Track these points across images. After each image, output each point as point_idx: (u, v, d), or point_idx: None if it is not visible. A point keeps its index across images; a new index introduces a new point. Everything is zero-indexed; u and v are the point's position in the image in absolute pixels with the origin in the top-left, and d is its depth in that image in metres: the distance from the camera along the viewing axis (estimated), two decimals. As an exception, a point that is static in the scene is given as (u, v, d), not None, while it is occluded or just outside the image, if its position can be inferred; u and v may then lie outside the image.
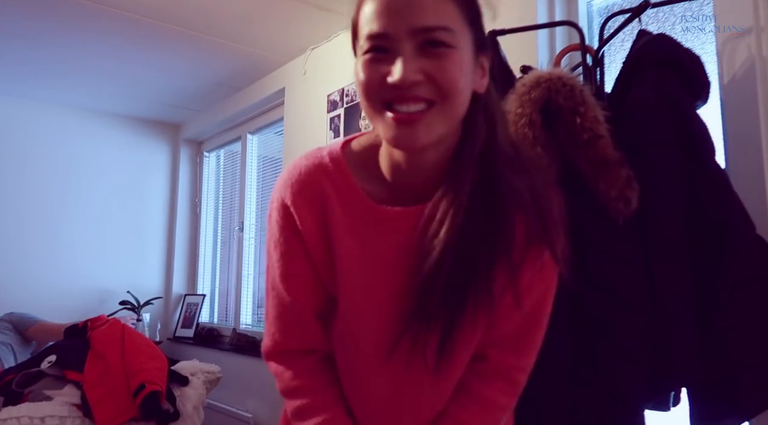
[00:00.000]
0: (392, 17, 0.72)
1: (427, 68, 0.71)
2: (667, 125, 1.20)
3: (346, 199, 0.83)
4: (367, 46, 0.74)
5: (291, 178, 0.86)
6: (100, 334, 2.48)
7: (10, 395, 2.26)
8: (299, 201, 0.84)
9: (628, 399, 1.14)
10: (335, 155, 0.86)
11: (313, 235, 0.84)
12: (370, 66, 0.74)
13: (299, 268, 0.86)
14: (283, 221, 0.86)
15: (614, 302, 1.15)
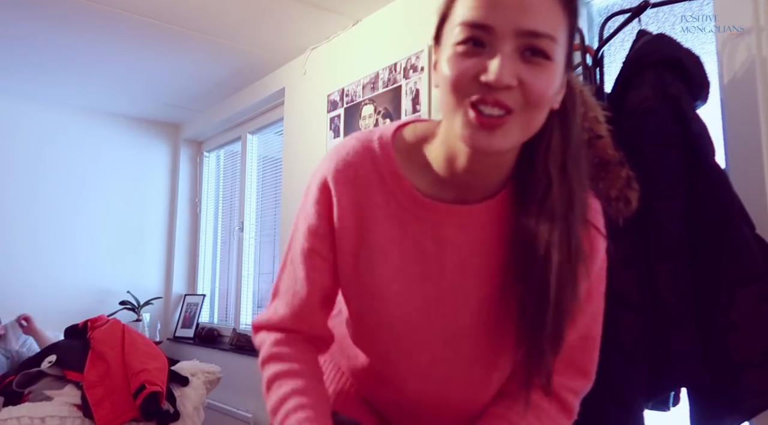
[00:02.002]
0: (500, 10, 0.66)
1: (523, 75, 0.67)
2: (667, 125, 1.20)
3: (390, 186, 0.82)
4: (463, 36, 0.68)
5: (338, 157, 0.84)
6: (101, 334, 2.49)
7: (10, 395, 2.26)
8: (340, 179, 0.83)
9: (628, 399, 1.14)
10: (385, 141, 0.84)
11: (348, 218, 0.83)
12: (463, 59, 0.68)
13: (324, 248, 0.85)
14: (321, 197, 0.84)
15: (614, 302, 1.15)
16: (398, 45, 2.37)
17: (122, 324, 2.62)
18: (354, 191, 0.82)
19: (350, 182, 0.82)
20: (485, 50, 0.67)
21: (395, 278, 0.83)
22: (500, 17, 0.66)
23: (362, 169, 0.82)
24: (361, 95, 2.54)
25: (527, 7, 0.66)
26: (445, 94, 0.72)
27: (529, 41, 0.67)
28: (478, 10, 0.67)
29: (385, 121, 2.39)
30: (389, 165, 0.82)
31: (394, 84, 2.37)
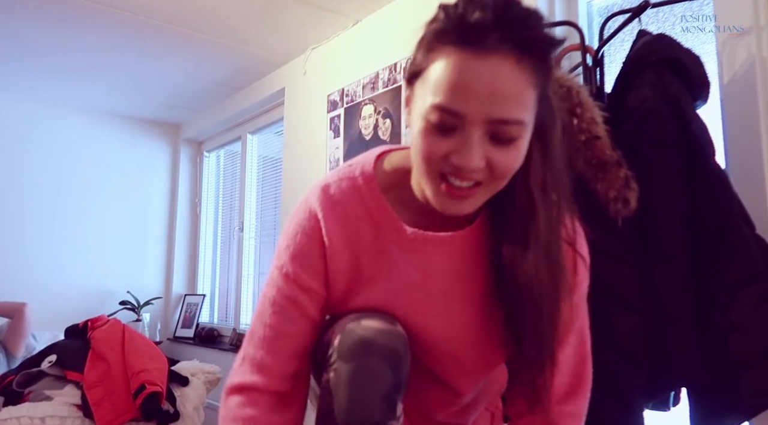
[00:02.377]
0: (471, 100, 0.67)
1: (491, 156, 0.70)
2: (667, 125, 1.20)
3: (378, 221, 0.83)
4: (436, 119, 0.69)
5: (325, 194, 0.85)
6: (101, 334, 2.49)
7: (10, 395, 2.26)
8: (330, 217, 0.83)
9: (628, 399, 1.14)
10: (368, 175, 0.85)
11: (340, 257, 0.83)
12: (435, 138, 0.70)
13: (318, 285, 0.85)
14: (311, 232, 0.84)
15: (614, 302, 1.15)
16: (398, 45, 2.37)
17: (122, 324, 2.61)
18: (345, 230, 0.83)
19: (340, 221, 0.83)
20: (456, 133, 0.69)
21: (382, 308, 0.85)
22: (472, 106, 0.67)
23: (350, 206, 0.84)
24: (361, 95, 2.54)
25: (498, 96, 0.67)
26: (417, 157, 0.73)
27: (498, 128, 0.68)
28: (451, 95, 0.67)
29: (385, 121, 2.39)
30: (376, 200, 0.84)
31: (394, 84, 2.36)
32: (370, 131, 2.47)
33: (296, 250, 0.85)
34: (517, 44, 0.66)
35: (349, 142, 2.59)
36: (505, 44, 0.66)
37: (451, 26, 0.68)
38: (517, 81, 0.67)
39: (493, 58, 0.66)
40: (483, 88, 0.66)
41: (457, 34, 0.67)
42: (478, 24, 0.66)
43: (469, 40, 0.66)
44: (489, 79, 0.66)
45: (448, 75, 0.67)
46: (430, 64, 0.70)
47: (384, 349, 0.77)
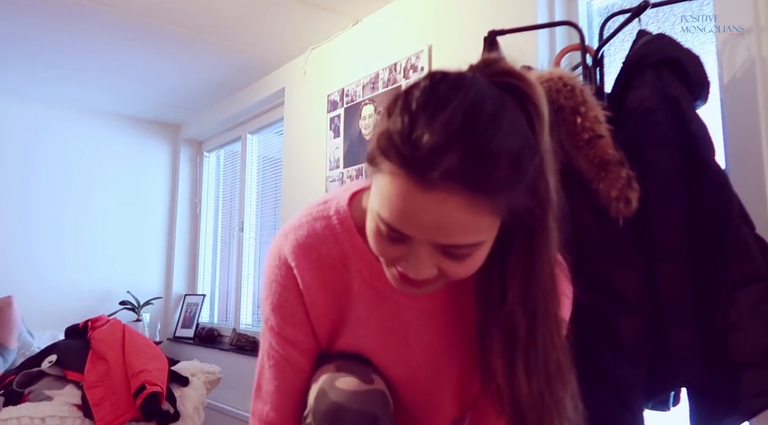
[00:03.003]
0: (416, 227, 0.60)
1: (443, 267, 0.65)
2: (667, 125, 1.20)
3: (356, 263, 0.79)
4: (383, 229, 0.64)
5: (296, 238, 0.80)
6: (101, 334, 2.49)
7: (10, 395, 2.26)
8: (303, 264, 0.79)
9: (628, 399, 1.14)
10: (342, 215, 0.79)
11: (320, 303, 0.80)
12: (385, 244, 0.65)
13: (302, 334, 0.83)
14: (285, 281, 0.80)
15: (614, 302, 1.15)
16: (398, 45, 2.37)
17: (122, 324, 2.61)
18: (321, 274, 0.79)
19: (314, 265, 0.79)
20: (405, 244, 0.64)
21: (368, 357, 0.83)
22: (417, 232, 0.61)
23: (325, 250, 0.79)
24: (361, 95, 2.54)
25: (445, 228, 0.59)
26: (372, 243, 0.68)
27: (448, 249, 0.62)
28: (396, 219, 0.61)
29: (385, 121, 2.39)
30: (352, 241, 0.78)
31: (394, 84, 2.37)
32: (370, 130, 2.47)
33: (275, 302, 0.81)
34: (469, 184, 0.57)
35: (349, 142, 2.59)
36: (453, 180, 0.56)
37: (395, 143, 0.59)
38: (468, 214, 0.58)
39: (439, 193, 0.57)
40: (427, 221, 0.59)
41: (400, 157, 0.58)
42: (422, 153, 0.56)
43: (411, 167, 0.57)
44: (434, 213, 0.58)
45: (392, 198, 0.60)
46: (380, 170, 0.62)
47: (357, 416, 0.73)
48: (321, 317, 0.81)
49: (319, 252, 0.79)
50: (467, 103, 0.58)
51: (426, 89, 0.60)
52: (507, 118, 0.59)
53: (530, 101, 0.63)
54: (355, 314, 0.81)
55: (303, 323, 0.82)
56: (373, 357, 0.84)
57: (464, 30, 2.09)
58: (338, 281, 0.80)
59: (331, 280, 0.80)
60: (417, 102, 0.59)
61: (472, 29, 2.03)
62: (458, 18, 2.13)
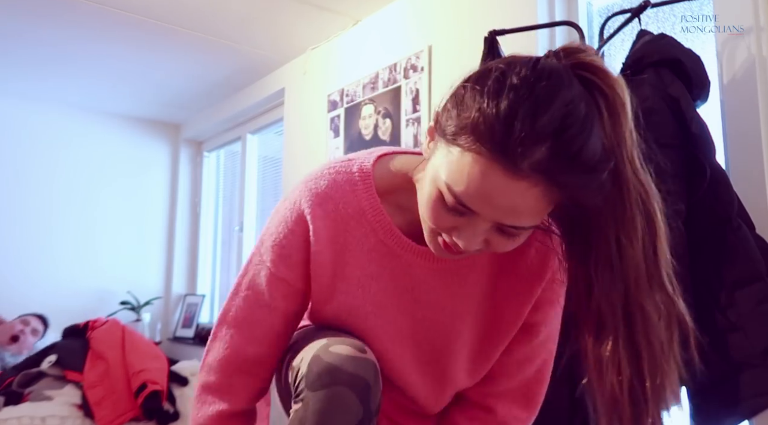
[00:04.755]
0: (489, 207, 0.64)
1: (491, 240, 0.68)
2: (667, 124, 1.20)
3: (370, 221, 0.81)
4: (448, 199, 0.66)
5: (316, 187, 0.81)
6: (100, 334, 2.49)
7: (10, 395, 2.26)
8: (319, 214, 0.80)
9: (628, 399, 1.14)
10: (365, 172, 0.81)
11: (325, 252, 0.81)
12: (443, 212, 0.68)
13: (294, 278, 0.84)
14: (297, 228, 0.81)
15: (614, 302, 1.15)
16: (398, 45, 2.37)
17: (122, 325, 2.62)
18: (333, 224, 0.81)
19: (329, 216, 0.80)
20: (464, 216, 0.67)
21: (371, 311, 0.84)
22: (488, 211, 0.64)
23: (342, 203, 0.80)
24: (361, 95, 2.54)
25: (517, 212, 0.64)
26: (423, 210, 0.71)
27: (506, 227, 0.66)
28: (470, 196, 0.63)
29: (385, 121, 2.39)
30: (370, 199, 0.81)
31: (394, 84, 2.37)
32: (370, 131, 2.47)
33: (278, 240, 0.83)
34: (553, 179, 0.61)
35: (349, 142, 2.59)
36: (540, 174, 0.60)
37: (495, 129, 0.60)
38: (541, 203, 0.63)
39: (523, 182, 0.61)
40: (504, 204, 0.63)
41: (497, 143, 0.60)
42: (521, 143, 0.59)
43: (507, 157, 0.60)
44: (513, 198, 0.62)
45: (474, 177, 0.62)
46: (460, 145, 0.64)
47: (352, 378, 0.74)
48: (322, 267, 0.82)
49: (336, 204, 0.80)
50: (565, 105, 0.60)
51: (528, 80, 0.62)
52: (596, 124, 0.63)
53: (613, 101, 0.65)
54: (361, 269, 0.82)
55: (298, 267, 0.83)
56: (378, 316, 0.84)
57: (464, 30, 2.09)
58: (349, 236, 0.81)
59: (341, 233, 0.81)
60: (519, 92, 0.61)
61: (472, 29, 2.03)
62: (458, 18, 2.13)
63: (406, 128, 2.28)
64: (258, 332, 0.86)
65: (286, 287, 0.84)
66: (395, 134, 2.33)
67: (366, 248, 0.81)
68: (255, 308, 0.86)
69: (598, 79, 0.65)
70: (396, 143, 2.32)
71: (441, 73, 2.17)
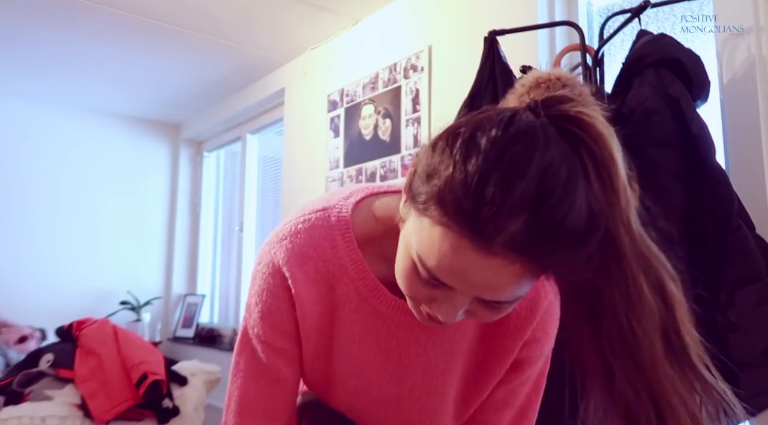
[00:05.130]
0: (464, 283, 0.57)
1: (477, 312, 0.62)
2: (667, 124, 1.20)
3: (353, 278, 0.74)
4: (423, 273, 0.59)
5: (292, 246, 0.74)
6: (89, 332, 2.51)
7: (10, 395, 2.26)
8: (299, 276, 0.73)
9: (628, 399, 1.14)
10: (344, 223, 0.74)
11: (310, 316, 0.75)
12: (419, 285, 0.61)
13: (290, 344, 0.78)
14: (278, 290, 0.75)
15: (614, 302, 1.15)
16: (398, 45, 2.37)
17: (112, 324, 2.64)
18: (315, 286, 0.74)
19: (309, 277, 0.74)
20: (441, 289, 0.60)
21: (354, 375, 0.79)
22: (463, 287, 0.57)
23: (322, 261, 0.73)
24: (361, 95, 2.54)
25: (494, 288, 0.56)
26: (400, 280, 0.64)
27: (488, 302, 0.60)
28: (443, 272, 0.57)
29: (385, 121, 2.39)
30: (351, 254, 0.73)
31: (394, 84, 2.37)
32: (370, 130, 2.47)
33: (265, 310, 0.76)
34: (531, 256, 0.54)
35: (349, 142, 2.59)
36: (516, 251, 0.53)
37: (461, 198, 0.53)
38: (521, 280, 0.56)
39: (498, 259, 0.54)
40: (479, 281, 0.56)
41: (464, 215, 0.53)
42: (491, 217, 0.52)
43: (478, 234, 0.53)
44: (488, 276, 0.55)
45: (444, 253, 0.56)
46: (429, 216, 0.57)
47: None
48: (309, 332, 0.77)
49: (316, 264, 0.74)
50: (542, 171, 0.53)
51: (499, 143, 0.54)
52: (579, 189, 0.55)
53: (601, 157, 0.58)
54: (347, 332, 0.77)
55: (292, 333, 0.77)
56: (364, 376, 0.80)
57: (464, 30, 2.09)
58: (332, 296, 0.75)
59: (324, 294, 0.75)
60: (488, 158, 0.53)
61: (472, 29, 2.03)
62: (458, 18, 2.13)
63: (406, 128, 2.28)
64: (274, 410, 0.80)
65: (286, 355, 0.79)
66: (395, 134, 2.33)
67: (350, 309, 0.75)
68: (263, 386, 0.79)
69: (584, 133, 0.57)
70: (396, 142, 2.32)
71: (441, 73, 2.17)
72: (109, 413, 2.16)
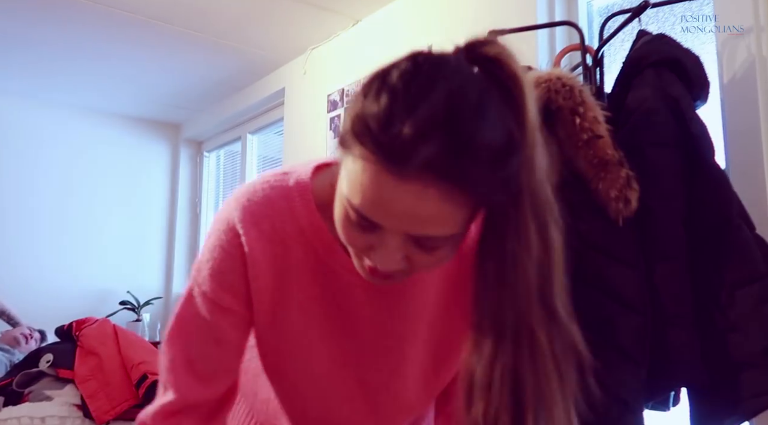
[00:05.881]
0: (389, 217, 0.57)
1: (413, 257, 0.61)
2: (667, 125, 1.20)
3: (310, 239, 0.74)
4: (353, 216, 0.60)
5: (249, 205, 0.73)
6: (90, 332, 2.50)
7: (10, 395, 2.26)
8: (254, 234, 0.72)
9: (628, 399, 1.14)
10: (303, 187, 0.74)
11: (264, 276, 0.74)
12: (354, 232, 0.62)
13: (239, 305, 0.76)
14: (231, 248, 0.73)
15: (614, 302, 1.15)
16: (398, 45, 2.37)
17: (112, 324, 2.64)
18: (271, 246, 0.73)
19: (265, 236, 0.73)
20: (375, 232, 0.60)
21: (315, 336, 0.78)
22: (389, 222, 0.57)
23: (279, 221, 0.73)
24: (361, 95, 2.54)
25: (420, 219, 0.56)
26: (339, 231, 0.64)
27: (419, 239, 0.59)
28: (367, 207, 0.57)
29: (385, 121, 2.39)
30: (309, 216, 0.73)
31: (394, 84, 2.36)
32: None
33: (215, 267, 0.74)
34: (448, 177, 0.54)
35: (349, 142, 2.59)
36: (432, 172, 0.53)
37: (372, 130, 0.55)
38: (443, 207, 0.55)
39: (416, 184, 0.54)
40: (402, 210, 0.55)
41: (377, 144, 0.54)
42: (401, 141, 0.53)
43: (388, 155, 0.54)
44: (409, 204, 0.55)
45: (364, 185, 0.56)
46: (352, 154, 0.58)
47: None
48: (262, 292, 0.75)
49: (273, 223, 0.73)
50: (451, 92, 0.54)
51: (407, 72, 0.57)
52: (491, 110, 0.55)
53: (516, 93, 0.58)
54: (305, 292, 0.76)
55: (241, 293, 0.75)
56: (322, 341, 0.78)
57: (464, 30, 2.08)
58: (288, 257, 0.74)
59: (280, 255, 0.74)
60: (396, 85, 0.55)
61: (472, 29, 2.03)
62: (458, 18, 2.13)
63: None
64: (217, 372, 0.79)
65: (232, 316, 0.76)
66: (395, 134, 2.33)
67: (307, 269, 0.75)
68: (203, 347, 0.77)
69: (500, 72, 0.58)
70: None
71: (441, 73, 2.17)
72: (109, 413, 2.15)
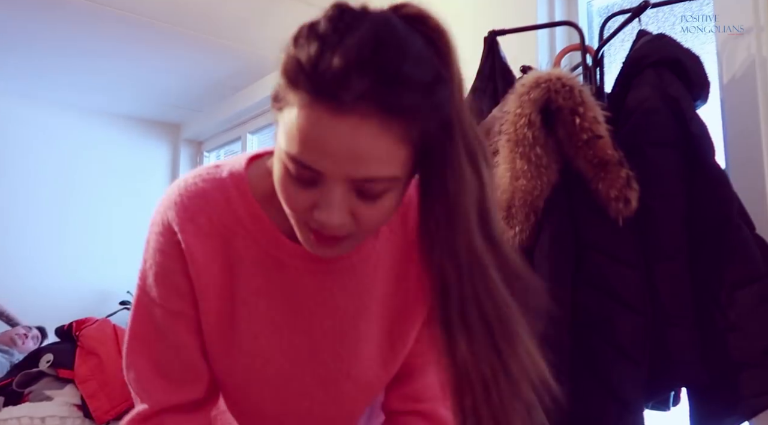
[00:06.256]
0: (328, 159, 0.57)
1: (357, 210, 0.60)
2: (667, 124, 1.20)
3: (251, 230, 0.72)
4: (292, 169, 0.60)
5: (182, 199, 0.71)
6: (90, 332, 2.50)
7: (10, 395, 2.26)
8: (190, 229, 0.71)
9: (628, 399, 1.14)
10: (238, 177, 0.73)
11: (205, 273, 0.72)
12: (295, 189, 0.61)
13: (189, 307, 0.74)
14: (171, 250, 0.72)
15: (614, 302, 1.16)
16: (398, 45, 2.37)
17: (113, 324, 2.64)
18: (209, 240, 0.71)
19: (203, 231, 0.71)
20: (317, 185, 0.60)
21: (262, 332, 0.76)
22: (329, 165, 0.57)
23: (216, 214, 0.71)
24: (361, 95, 2.54)
25: (360, 157, 0.56)
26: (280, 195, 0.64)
27: (362, 185, 0.59)
28: (306, 152, 0.57)
29: (385, 121, 2.39)
30: (247, 206, 0.72)
31: (394, 84, 2.36)
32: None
33: (159, 272, 0.73)
34: (383, 105, 0.55)
35: (349, 142, 2.59)
36: (367, 103, 0.54)
37: (304, 70, 0.56)
38: (382, 141, 0.56)
39: (352, 117, 0.54)
40: (340, 149, 0.56)
41: (310, 83, 0.56)
42: (333, 75, 0.54)
43: (322, 92, 0.55)
44: (347, 140, 0.55)
45: (301, 129, 0.57)
46: (286, 103, 0.60)
47: None
48: (207, 290, 0.73)
49: (209, 217, 0.71)
50: (377, 28, 0.56)
51: (333, 16, 0.60)
52: (417, 46, 0.57)
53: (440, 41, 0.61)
54: (250, 286, 0.74)
55: (188, 294, 0.73)
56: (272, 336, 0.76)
57: (464, 30, 2.08)
58: (229, 250, 0.72)
59: (220, 249, 0.72)
60: (325, 28, 0.59)
61: (472, 29, 2.03)
62: (458, 18, 2.12)
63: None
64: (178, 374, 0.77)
65: (185, 319, 0.75)
66: (395, 134, 2.33)
67: (249, 262, 0.73)
68: (165, 352, 0.76)
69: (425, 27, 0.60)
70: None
71: (441, 73, 2.17)
72: (109, 413, 2.15)
